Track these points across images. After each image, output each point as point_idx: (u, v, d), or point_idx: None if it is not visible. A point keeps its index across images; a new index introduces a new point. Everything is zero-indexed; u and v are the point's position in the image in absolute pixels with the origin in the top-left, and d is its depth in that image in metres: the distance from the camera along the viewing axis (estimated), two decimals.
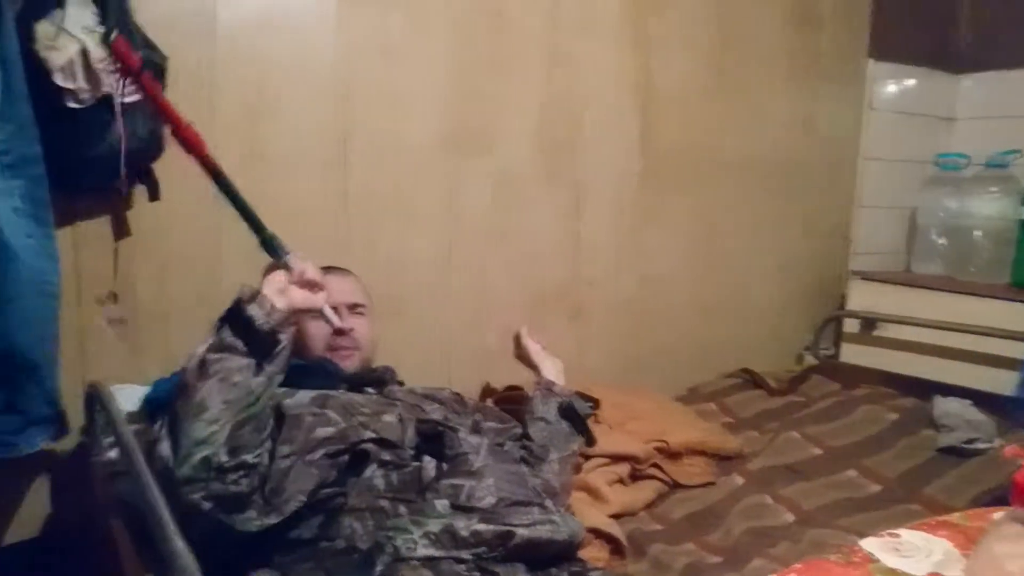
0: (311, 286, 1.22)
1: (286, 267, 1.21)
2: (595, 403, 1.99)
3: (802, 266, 2.70)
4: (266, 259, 1.26)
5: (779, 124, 2.57)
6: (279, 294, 1.14)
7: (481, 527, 1.09)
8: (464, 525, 1.09)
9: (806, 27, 2.56)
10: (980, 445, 1.90)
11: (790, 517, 1.69)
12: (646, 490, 1.78)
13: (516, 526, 1.11)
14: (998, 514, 0.51)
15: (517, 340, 1.75)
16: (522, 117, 2.07)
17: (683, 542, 1.59)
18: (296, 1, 1.73)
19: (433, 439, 1.26)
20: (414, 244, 1.96)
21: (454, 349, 2.04)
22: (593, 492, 1.68)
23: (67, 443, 1.53)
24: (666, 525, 1.68)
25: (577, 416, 1.60)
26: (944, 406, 2.07)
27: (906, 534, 0.84)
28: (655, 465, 1.84)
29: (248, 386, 1.06)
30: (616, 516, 1.63)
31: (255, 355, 1.08)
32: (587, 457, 1.79)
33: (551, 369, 1.69)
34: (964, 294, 2.37)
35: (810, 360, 2.63)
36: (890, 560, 0.79)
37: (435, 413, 1.35)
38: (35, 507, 1.57)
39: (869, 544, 0.82)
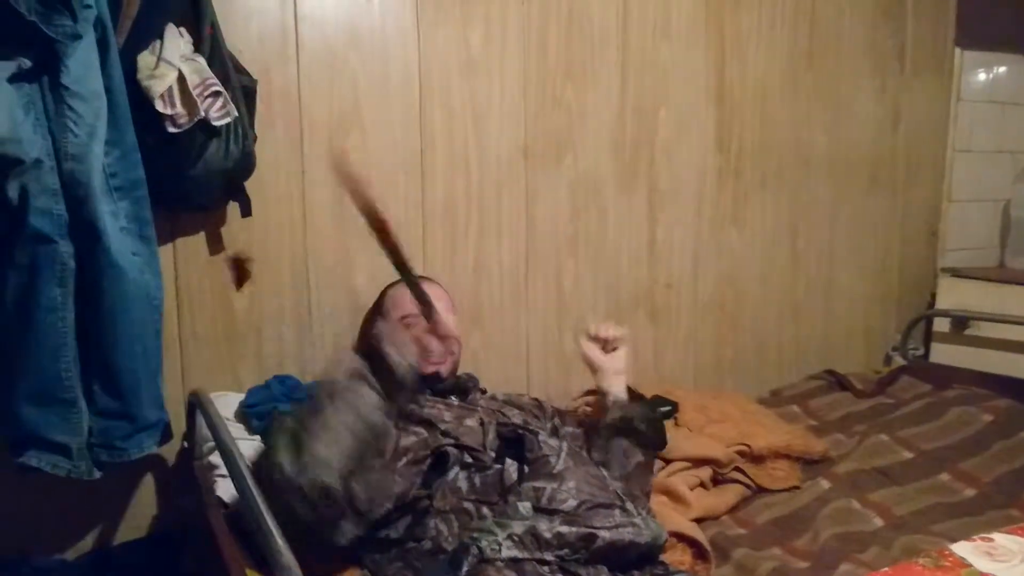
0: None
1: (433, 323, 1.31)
2: (675, 406, 1.99)
3: (889, 264, 2.62)
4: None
5: (864, 119, 2.51)
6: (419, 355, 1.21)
7: (564, 529, 1.11)
8: (547, 527, 1.11)
9: (891, 19, 2.49)
10: None
11: (880, 522, 1.66)
12: (728, 494, 1.77)
13: (598, 528, 1.13)
14: None
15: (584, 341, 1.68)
16: (598, 123, 2.09)
17: (768, 547, 1.57)
18: (376, 19, 1.80)
19: (514, 442, 1.29)
20: (493, 252, 2.00)
21: (533, 355, 2.07)
22: (674, 496, 1.68)
23: (171, 448, 1.63)
24: (750, 529, 1.67)
25: (633, 430, 1.55)
26: None
27: (1000, 538, 0.82)
28: (738, 469, 1.82)
29: (375, 426, 1.10)
30: (698, 520, 1.63)
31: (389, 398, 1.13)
32: (668, 461, 1.79)
33: (608, 375, 1.64)
34: None
35: (899, 361, 2.55)
36: (983, 564, 0.77)
37: (515, 418, 1.38)
38: (143, 508, 1.67)
39: (961, 548, 0.81)
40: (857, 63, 2.46)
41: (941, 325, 2.55)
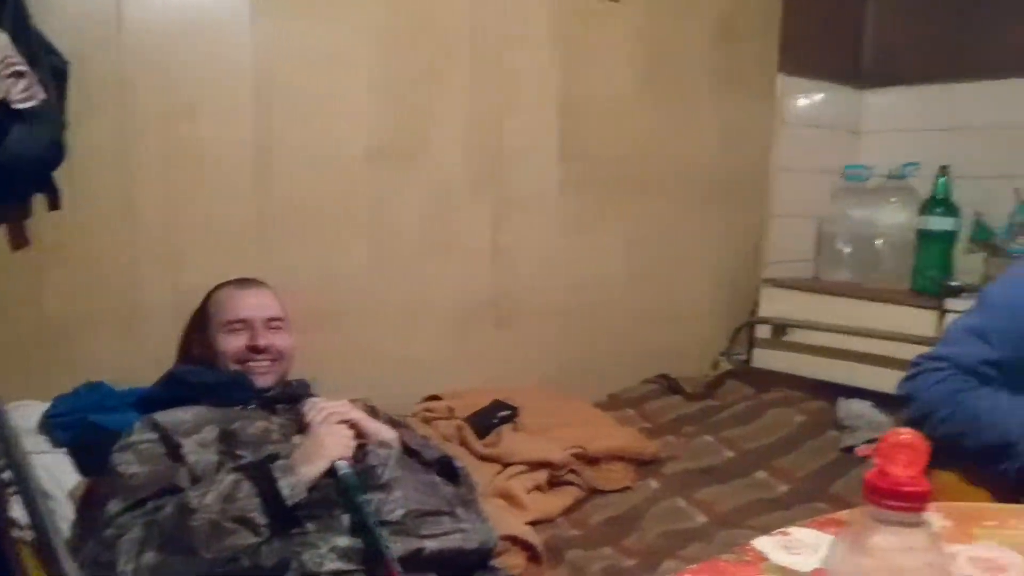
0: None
1: None
2: (515, 411, 2.02)
3: (721, 274, 2.77)
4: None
5: (703, 135, 2.64)
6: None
7: (390, 542, 1.09)
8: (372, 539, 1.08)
9: (726, 43, 2.64)
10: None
11: (703, 519, 1.74)
12: (564, 496, 1.80)
13: (426, 538, 1.12)
14: (851, 512, 0.54)
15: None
16: (450, 127, 2.08)
17: (600, 546, 1.61)
18: (206, 5, 1.71)
19: None
20: (342, 255, 1.95)
21: (382, 360, 2.03)
22: (511, 499, 1.69)
23: None
24: (584, 530, 1.71)
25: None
26: (847, 407, 2.16)
27: (797, 532, 0.88)
28: (573, 471, 1.86)
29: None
30: (534, 522, 1.65)
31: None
32: (506, 464, 1.81)
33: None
34: (867, 300, 2.48)
35: (725, 365, 2.70)
36: (779, 558, 0.82)
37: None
38: None
39: (762, 543, 0.85)
40: (695, 84, 2.59)
41: (764, 332, 2.72)
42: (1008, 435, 1.27)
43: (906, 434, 0.52)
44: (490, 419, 1.95)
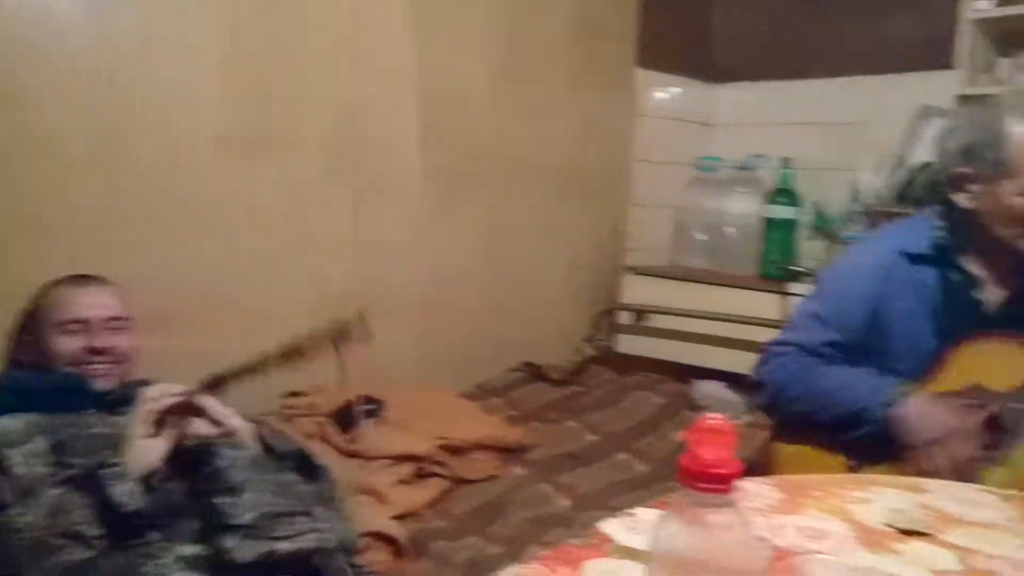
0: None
1: None
2: (380, 404, 1.99)
3: (583, 262, 2.84)
4: None
5: (563, 128, 2.68)
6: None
7: (240, 548, 1.05)
8: (222, 545, 1.04)
9: (584, 37, 2.69)
10: (732, 422, 2.09)
11: (567, 502, 1.78)
12: (430, 488, 1.80)
13: (278, 540, 1.08)
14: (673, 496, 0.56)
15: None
16: (305, 115, 2.02)
17: (466, 536, 1.62)
18: None
19: (189, 455, 1.19)
20: (192, 249, 1.85)
21: (236, 357, 1.94)
22: (374, 494, 1.67)
23: None
24: (450, 521, 1.71)
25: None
26: (702, 388, 2.27)
27: (641, 512, 0.91)
28: (439, 463, 1.86)
29: None
30: (400, 516, 1.64)
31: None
32: (370, 459, 1.78)
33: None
34: (719, 285, 2.60)
35: (589, 351, 2.77)
36: (624, 538, 0.84)
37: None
38: None
39: (608, 525, 0.88)
40: (554, 76, 2.63)
41: (625, 318, 2.81)
42: (859, 402, 1.36)
43: (713, 419, 0.54)
44: (353, 414, 1.91)
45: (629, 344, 2.79)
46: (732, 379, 2.30)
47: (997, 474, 1.23)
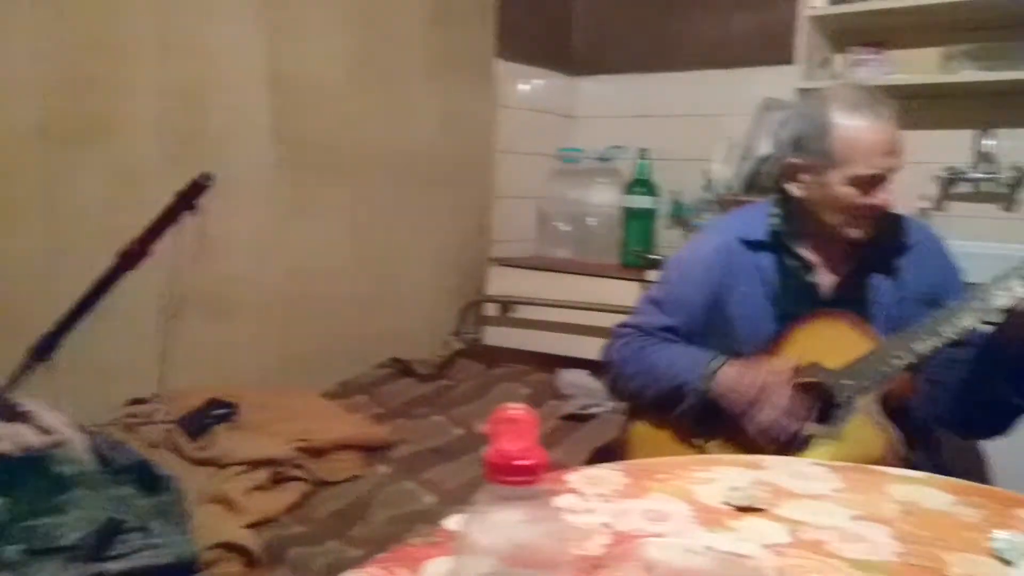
0: None
1: None
2: (233, 408, 1.90)
3: (449, 255, 2.81)
4: None
5: (423, 118, 2.64)
6: None
7: (63, 572, 0.97)
8: (40, 570, 0.95)
9: (442, 25, 2.65)
10: (594, 410, 2.14)
11: (432, 499, 1.75)
12: (288, 493, 1.73)
13: (108, 560, 1.01)
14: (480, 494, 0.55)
15: None
16: (137, 103, 1.89)
17: (325, 540, 1.57)
18: None
19: (6, 470, 1.09)
20: (8, 245, 1.70)
21: (69, 366, 1.80)
22: (226, 503, 1.59)
23: None
24: (309, 526, 1.65)
25: None
26: (567, 377, 2.29)
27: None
28: (298, 466, 1.79)
29: None
30: (256, 524, 1.57)
31: None
32: (223, 466, 1.70)
33: None
34: (583, 275, 2.64)
35: (457, 345, 2.76)
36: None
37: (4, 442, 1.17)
38: None
39: (453, 522, 0.86)
40: (412, 65, 2.58)
41: (492, 310, 2.81)
42: (679, 378, 1.41)
43: (512, 410, 0.53)
44: (204, 419, 1.82)
45: (496, 336, 2.79)
46: (594, 367, 2.34)
47: (829, 448, 1.30)
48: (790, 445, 1.34)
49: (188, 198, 1.63)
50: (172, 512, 1.25)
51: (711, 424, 1.41)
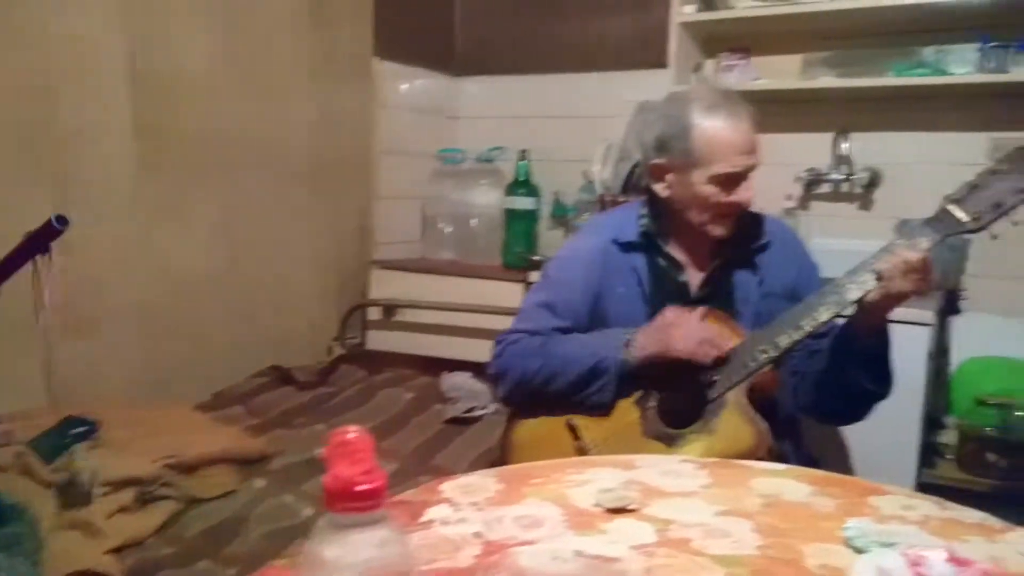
0: None
1: None
2: (94, 426, 1.79)
3: (331, 258, 2.74)
4: None
5: (299, 117, 2.56)
6: None
7: None
8: None
9: (318, 22, 2.58)
10: (478, 412, 2.13)
11: (311, 511, 1.70)
12: (156, 513, 1.63)
13: None
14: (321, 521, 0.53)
15: None
16: None
17: (197, 561, 1.50)
18: None
19: None
20: None
21: None
22: (86, 527, 1.49)
23: None
24: (179, 546, 1.57)
25: None
26: (451, 380, 2.28)
27: None
28: (167, 484, 1.70)
29: None
30: (120, 549, 1.48)
31: None
32: (85, 491, 1.59)
33: None
34: (466, 276, 2.63)
35: (339, 350, 2.69)
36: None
37: None
38: None
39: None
40: (289, 62, 2.50)
41: (375, 313, 2.76)
42: (594, 357, 1.41)
43: (346, 433, 0.51)
44: (61, 439, 1.69)
45: (380, 340, 2.75)
46: (478, 369, 2.34)
47: (701, 443, 1.34)
48: (675, 442, 1.36)
49: (39, 241, 1.51)
50: (20, 544, 1.15)
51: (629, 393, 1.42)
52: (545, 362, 1.46)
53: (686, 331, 1.36)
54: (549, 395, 1.47)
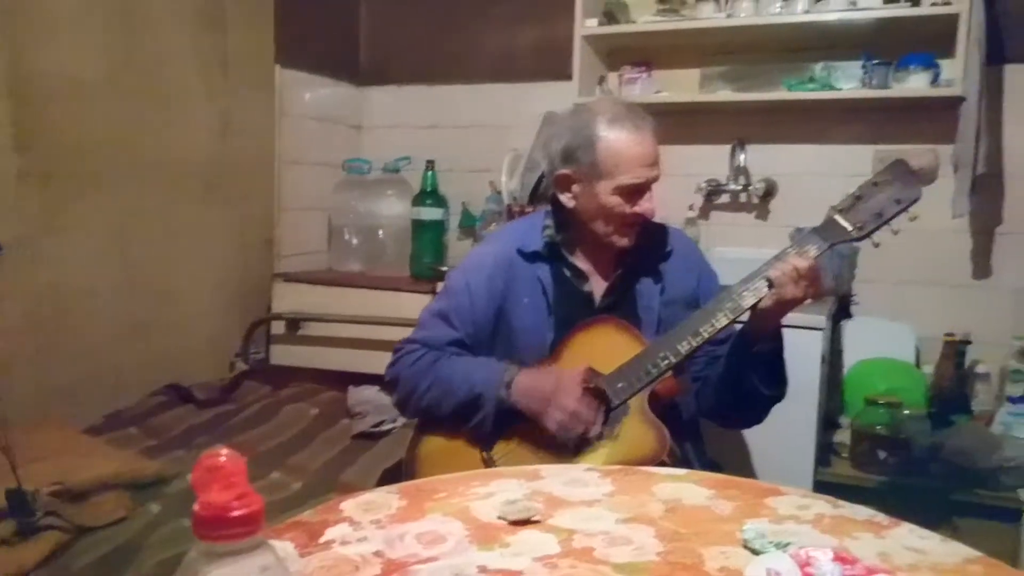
0: None
1: None
2: None
3: (232, 271, 2.65)
4: None
5: (196, 125, 2.47)
6: None
7: None
8: None
9: (213, 27, 2.50)
10: (386, 427, 2.10)
11: None
12: (40, 545, 1.54)
13: None
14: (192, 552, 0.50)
15: None
16: None
17: None
18: None
19: None
20: None
21: None
22: None
23: None
24: None
25: None
26: (358, 395, 2.23)
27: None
28: (52, 513, 1.60)
29: None
30: None
31: None
32: None
33: None
34: (374, 288, 2.58)
35: (242, 366, 2.60)
36: None
37: None
38: None
39: None
40: (183, 69, 2.41)
41: (279, 328, 2.68)
42: (476, 388, 1.41)
43: (215, 456, 0.49)
44: None
45: (285, 355, 2.67)
46: (385, 383, 2.30)
47: (605, 450, 1.35)
48: (580, 448, 1.37)
49: None
50: None
51: (507, 430, 1.42)
52: (433, 383, 1.46)
53: (562, 401, 1.36)
54: (438, 416, 1.48)
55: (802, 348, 1.92)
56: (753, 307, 1.33)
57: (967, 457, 2.03)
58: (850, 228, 1.31)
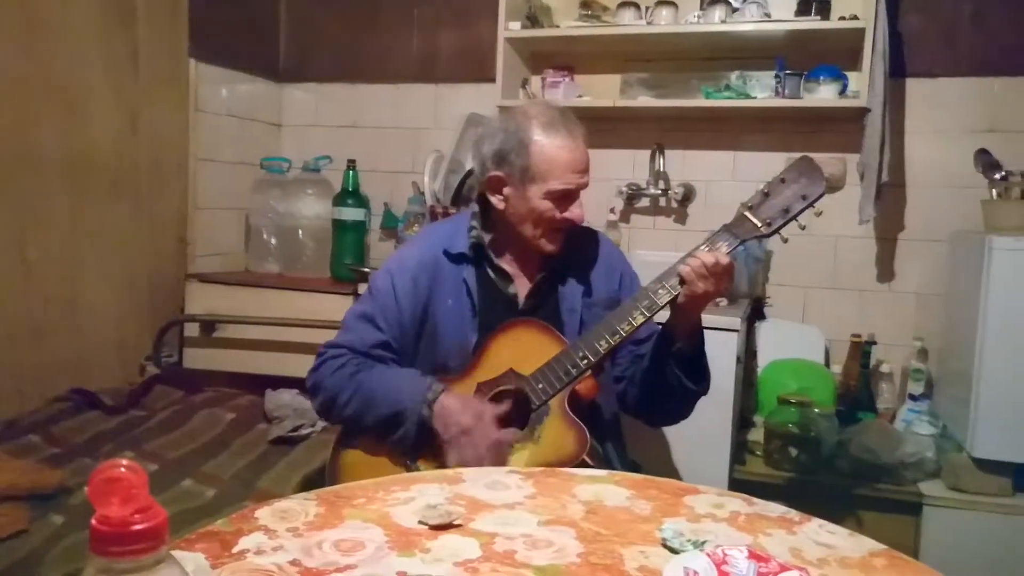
0: None
1: None
2: None
3: (142, 272, 2.55)
4: None
5: (101, 123, 2.37)
6: None
7: None
8: None
9: (122, 21, 2.41)
10: (305, 431, 2.05)
11: None
12: None
13: None
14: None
15: None
16: None
17: None
18: None
19: None
20: None
21: None
22: None
23: None
24: None
25: None
26: (275, 399, 2.18)
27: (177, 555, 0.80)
28: None
29: None
30: None
31: None
32: None
33: None
34: (293, 290, 2.53)
35: (153, 370, 2.51)
36: None
37: None
38: None
39: None
40: (89, 64, 2.31)
41: (193, 330, 2.59)
42: (399, 403, 1.39)
43: (114, 467, 0.46)
44: None
45: (198, 358, 2.58)
46: (304, 386, 2.25)
47: (526, 452, 1.35)
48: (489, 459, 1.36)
49: None
50: None
51: (427, 445, 1.40)
52: (355, 394, 1.43)
53: (476, 443, 1.35)
54: (359, 427, 1.45)
55: (718, 349, 1.97)
56: (670, 304, 1.35)
57: (872, 453, 2.13)
58: (759, 224, 1.35)
